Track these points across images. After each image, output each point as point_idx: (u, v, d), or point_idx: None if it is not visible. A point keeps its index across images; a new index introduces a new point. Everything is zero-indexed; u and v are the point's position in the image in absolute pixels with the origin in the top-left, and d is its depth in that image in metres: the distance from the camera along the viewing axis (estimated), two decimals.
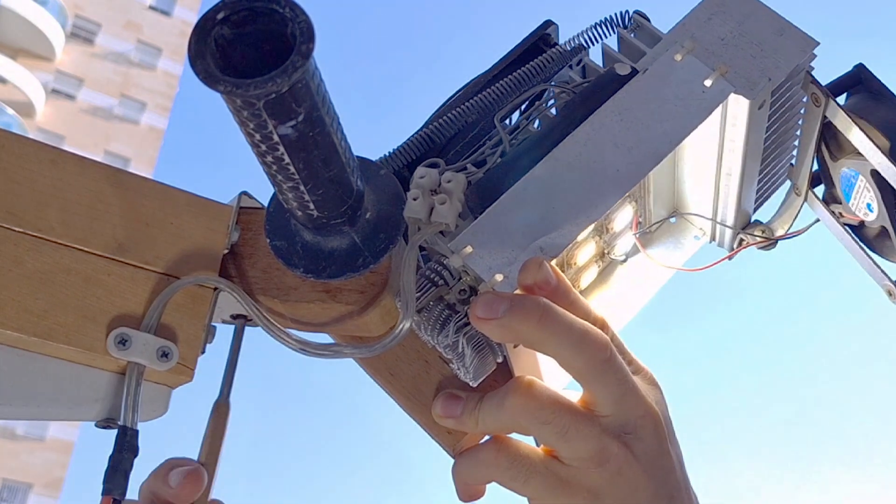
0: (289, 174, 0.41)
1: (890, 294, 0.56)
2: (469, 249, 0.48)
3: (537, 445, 0.51)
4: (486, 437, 0.53)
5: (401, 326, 0.48)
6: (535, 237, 0.49)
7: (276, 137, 0.38)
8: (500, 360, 0.52)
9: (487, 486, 0.52)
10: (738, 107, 0.53)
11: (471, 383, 0.52)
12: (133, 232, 0.51)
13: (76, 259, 0.49)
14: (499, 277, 0.48)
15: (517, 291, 0.47)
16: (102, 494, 0.47)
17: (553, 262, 0.59)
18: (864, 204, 0.56)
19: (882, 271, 0.57)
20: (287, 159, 0.40)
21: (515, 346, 0.49)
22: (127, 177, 0.52)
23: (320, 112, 0.39)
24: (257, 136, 0.38)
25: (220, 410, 0.54)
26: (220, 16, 0.36)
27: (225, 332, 0.56)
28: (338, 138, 0.41)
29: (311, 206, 0.44)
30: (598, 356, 0.47)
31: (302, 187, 0.42)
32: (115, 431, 0.49)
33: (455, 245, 0.48)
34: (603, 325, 0.52)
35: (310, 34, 0.35)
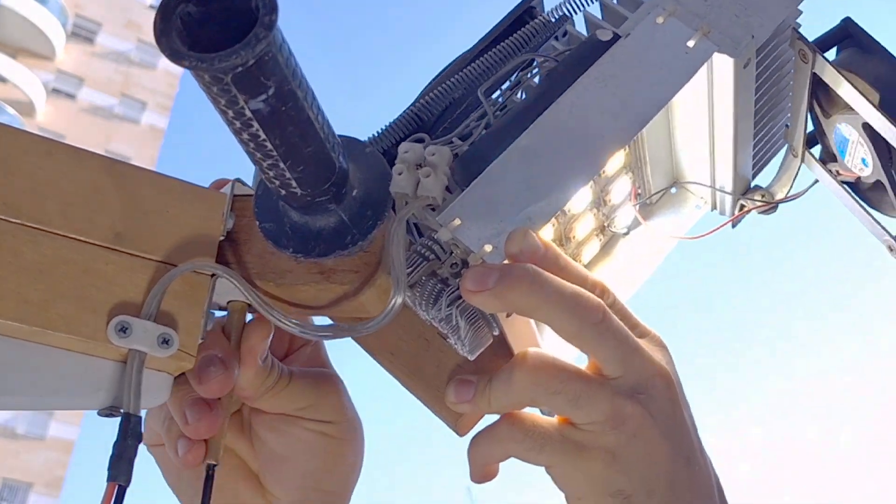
0: (266, 151, 0.41)
1: (891, 249, 0.55)
2: (457, 222, 0.48)
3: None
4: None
5: (392, 302, 0.48)
6: (523, 206, 0.49)
7: (248, 113, 0.39)
8: (496, 332, 0.52)
9: (501, 465, 0.52)
10: (723, 67, 0.53)
11: (468, 357, 0.52)
12: (130, 221, 0.51)
13: (74, 249, 0.50)
14: (488, 248, 0.48)
15: (506, 262, 0.47)
16: (108, 481, 0.47)
17: (548, 232, 0.59)
18: (859, 159, 0.55)
19: (881, 227, 0.56)
20: (262, 135, 0.40)
21: (508, 316, 0.49)
22: (123, 167, 0.52)
23: (291, 85, 0.39)
24: (230, 113, 0.39)
25: (237, 314, 0.55)
26: None
27: None
28: (313, 113, 0.42)
29: (294, 183, 0.44)
30: (591, 318, 0.46)
31: (281, 164, 0.43)
32: (117, 422, 0.50)
33: (443, 218, 0.48)
34: (602, 290, 0.51)
35: (272, 5, 0.36)
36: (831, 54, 0.57)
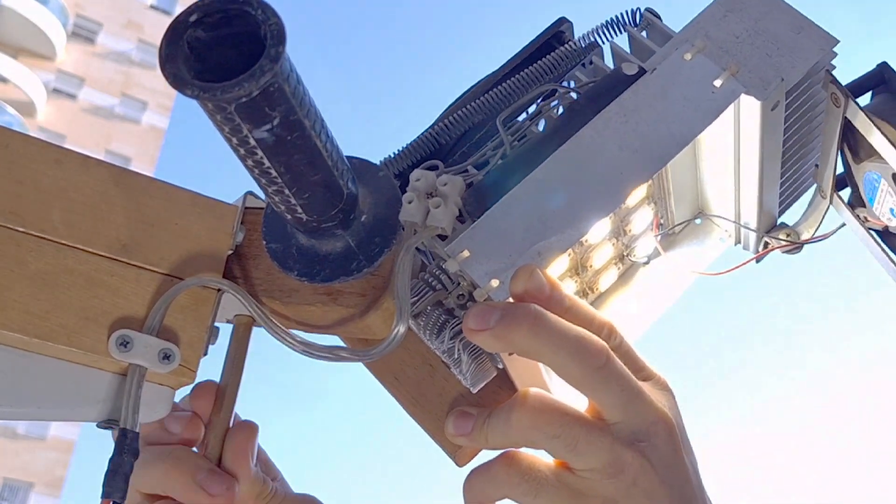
0: (271, 178, 0.41)
1: None
2: (466, 254, 0.47)
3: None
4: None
5: (395, 331, 0.47)
6: (534, 241, 0.48)
7: (252, 141, 0.38)
8: (499, 366, 0.51)
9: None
10: (750, 107, 0.51)
11: (471, 389, 0.52)
12: (137, 232, 0.51)
13: (79, 260, 0.49)
14: (494, 283, 0.46)
15: (509, 300, 0.46)
16: (102, 497, 0.47)
17: (564, 262, 0.58)
18: (888, 208, 0.53)
19: None
20: (267, 163, 0.40)
21: (511, 354, 0.48)
22: (131, 176, 0.52)
23: (298, 115, 0.38)
24: (234, 140, 0.38)
25: (242, 328, 0.55)
26: (192, 18, 0.36)
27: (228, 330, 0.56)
28: (321, 141, 0.41)
29: (299, 209, 0.44)
30: (594, 363, 0.45)
31: (287, 191, 0.42)
32: (116, 430, 0.50)
33: (451, 249, 0.47)
34: (610, 330, 0.50)
35: (280, 37, 0.35)
36: (865, 98, 0.55)
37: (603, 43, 0.55)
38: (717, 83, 0.49)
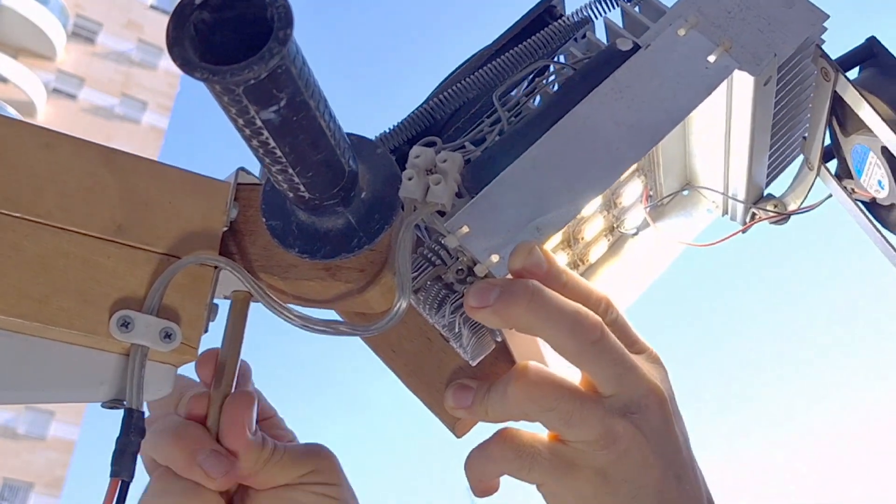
0: (276, 158, 0.41)
1: None
2: (465, 229, 0.48)
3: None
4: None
5: (397, 307, 0.48)
6: (533, 217, 0.48)
7: (259, 122, 0.38)
8: (498, 339, 0.52)
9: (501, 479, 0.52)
10: (743, 81, 0.52)
11: (470, 362, 0.52)
12: (131, 213, 0.51)
13: (75, 242, 0.49)
14: (494, 258, 0.47)
15: (508, 276, 0.47)
16: (111, 477, 0.47)
17: (557, 235, 0.59)
18: (876, 180, 0.54)
19: (894, 249, 0.55)
20: (272, 143, 0.40)
21: (510, 329, 0.49)
22: (122, 157, 0.52)
23: (304, 96, 0.38)
24: (240, 122, 0.38)
25: (239, 304, 0.55)
26: (198, 0, 0.36)
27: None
28: (325, 121, 0.41)
29: (302, 188, 0.44)
30: (589, 337, 0.46)
31: (290, 170, 0.42)
32: (118, 420, 0.50)
33: (451, 225, 0.48)
34: (607, 305, 0.51)
35: (287, 19, 0.35)
36: (854, 73, 0.56)
37: (596, 18, 0.55)
38: (711, 59, 0.50)
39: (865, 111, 0.51)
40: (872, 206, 0.57)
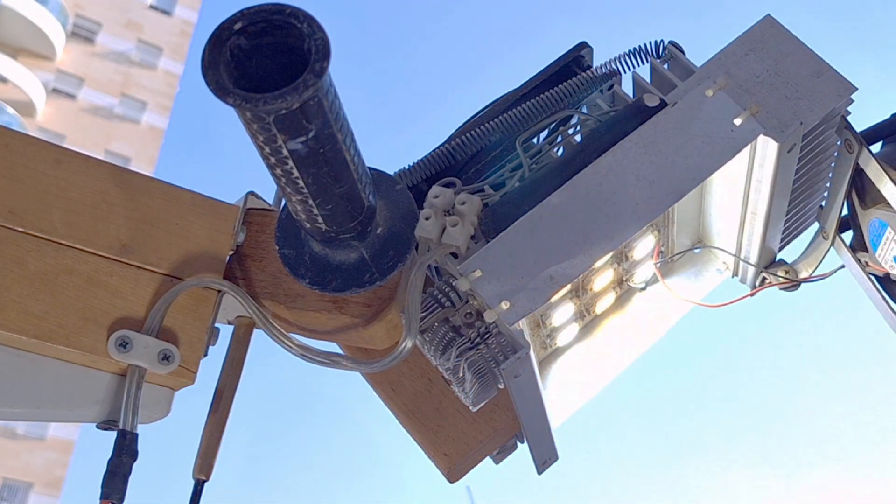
0: (298, 188, 0.41)
1: None
2: (478, 273, 0.47)
3: None
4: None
5: (402, 346, 0.47)
6: (547, 265, 0.48)
7: (285, 152, 0.38)
8: (500, 386, 0.51)
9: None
10: (766, 148, 0.52)
11: (471, 408, 0.52)
12: (137, 232, 0.50)
13: (79, 260, 0.49)
14: (504, 305, 0.47)
15: (518, 325, 0.46)
16: (101, 499, 0.47)
17: (566, 287, 0.58)
18: (892, 255, 0.54)
19: None
20: (296, 173, 0.39)
21: (517, 377, 0.48)
22: (132, 176, 0.52)
23: (332, 129, 0.38)
24: (267, 150, 0.38)
25: (242, 329, 0.54)
26: (237, 26, 0.36)
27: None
28: (350, 155, 0.41)
29: (320, 219, 0.43)
30: None
31: (311, 201, 0.42)
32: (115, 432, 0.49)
33: (464, 268, 0.48)
34: None
35: (325, 52, 0.35)
36: (878, 146, 0.56)
37: (624, 71, 0.55)
38: (737, 122, 0.50)
39: (887, 186, 0.51)
40: (885, 281, 0.57)
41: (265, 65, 0.37)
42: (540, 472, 0.60)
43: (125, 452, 0.47)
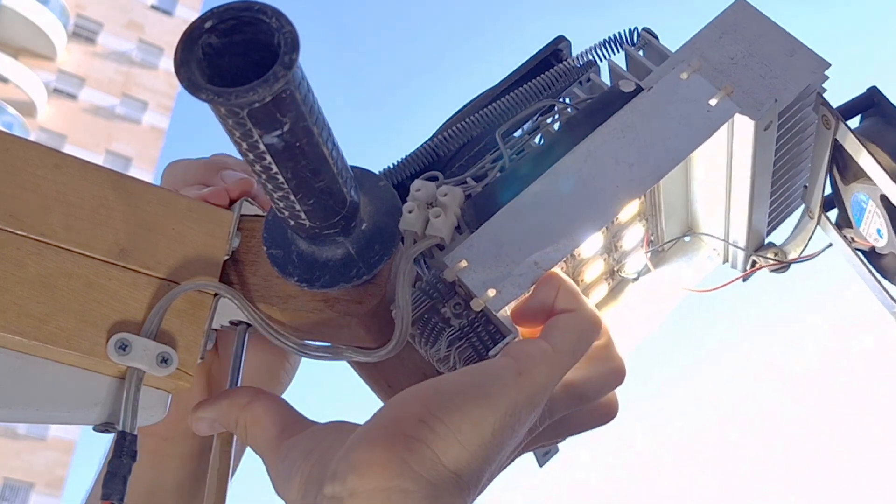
0: (278, 183, 0.41)
1: None
2: (463, 263, 0.48)
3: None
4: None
5: (397, 338, 0.48)
6: (531, 252, 0.48)
7: (262, 147, 0.39)
8: None
9: None
10: (744, 126, 0.52)
11: None
12: (135, 237, 0.51)
13: (78, 263, 0.50)
14: (491, 293, 0.47)
15: (505, 311, 0.47)
16: (102, 499, 0.47)
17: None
18: (875, 229, 0.54)
19: (892, 298, 0.55)
20: (275, 168, 0.40)
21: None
22: (129, 182, 0.52)
23: (307, 122, 0.39)
24: (244, 145, 0.39)
25: (222, 446, 0.55)
26: (207, 24, 0.37)
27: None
28: (328, 149, 0.42)
29: (303, 215, 0.44)
30: None
31: (292, 196, 0.43)
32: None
33: (450, 259, 0.48)
34: None
35: (294, 45, 0.36)
36: (854, 121, 0.57)
37: (601, 61, 0.56)
38: (712, 102, 0.51)
39: (865, 159, 0.51)
40: (871, 255, 0.57)
41: (238, 63, 0.38)
42: (542, 465, 0.60)
43: (125, 453, 0.47)
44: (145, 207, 0.52)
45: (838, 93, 0.55)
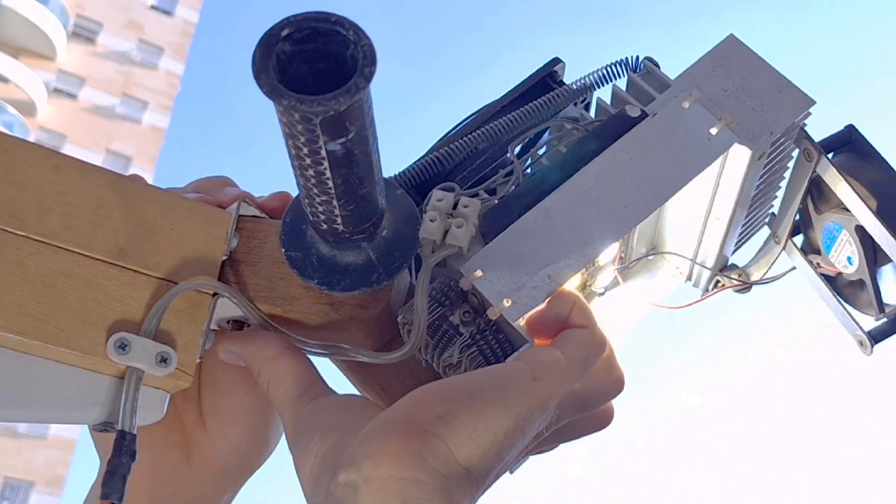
0: (325, 189, 0.42)
1: (861, 344, 0.59)
2: (479, 273, 0.50)
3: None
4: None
5: (412, 342, 0.49)
6: (544, 265, 0.50)
7: (323, 153, 0.39)
8: None
9: None
10: (738, 156, 0.56)
11: None
12: (134, 237, 0.51)
13: (78, 263, 0.49)
14: (507, 303, 0.49)
15: (520, 321, 0.49)
16: (101, 499, 0.47)
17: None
18: (845, 257, 0.59)
19: (855, 322, 0.60)
20: (328, 174, 0.41)
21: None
22: (129, 183, 0.53)
23: (367, 132, 0.40)
24: (305, 150, 0.39)
25: None
26: (284, 32, 0.37)
27: None
28: (376, 157, 0.42)
29: (339, 220, 0.45)
30: None
31: (335, 202, 0.43)
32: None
33: (466, 268, 0.50)
34: None
35: (373, 58, 0.37)
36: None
37: (601, 84, 0.59)
38: (713, 131, 0.54)
39: (844, 191, 0.56)
40: (836, 281, 0.62)
41: (303, 70, 0.38)
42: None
43: (125, 453, 0.47)
44: (144, 208, 0.52)
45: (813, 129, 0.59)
